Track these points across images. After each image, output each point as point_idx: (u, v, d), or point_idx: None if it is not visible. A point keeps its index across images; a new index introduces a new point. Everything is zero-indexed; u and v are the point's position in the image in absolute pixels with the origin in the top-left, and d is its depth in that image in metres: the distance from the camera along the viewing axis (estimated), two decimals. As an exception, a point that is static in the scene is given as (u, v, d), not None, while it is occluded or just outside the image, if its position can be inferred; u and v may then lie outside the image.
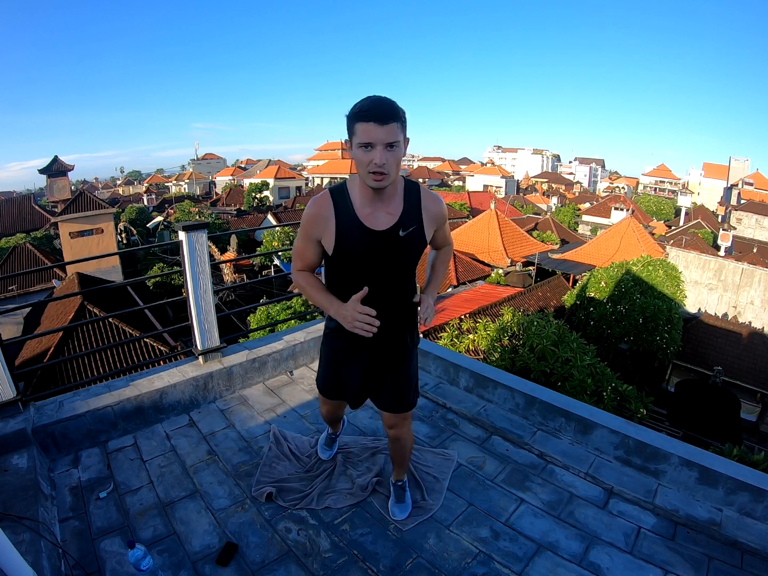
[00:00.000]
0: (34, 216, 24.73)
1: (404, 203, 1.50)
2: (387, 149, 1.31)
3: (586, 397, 6.05)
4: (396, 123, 1.31)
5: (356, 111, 1.31)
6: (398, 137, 1.32)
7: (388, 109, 1.29)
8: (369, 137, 1.29)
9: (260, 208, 32.92)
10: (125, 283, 14.78)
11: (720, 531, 1.90)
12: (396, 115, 1.30)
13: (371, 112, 1.28)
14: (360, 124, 1.30)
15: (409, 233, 1.50)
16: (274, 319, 10.36)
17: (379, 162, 1.31)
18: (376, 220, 1.47)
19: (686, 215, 35.95)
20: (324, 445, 2.30)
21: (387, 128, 1.29)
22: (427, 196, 1.55)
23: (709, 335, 13.49)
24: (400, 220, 1.48)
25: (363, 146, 1.31)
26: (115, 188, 60.81)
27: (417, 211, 1.52)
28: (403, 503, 1.99)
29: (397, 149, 1.34)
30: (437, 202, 1.57)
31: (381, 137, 1.29)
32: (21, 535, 1.63)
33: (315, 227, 1.50)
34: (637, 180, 67.15)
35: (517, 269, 17.76)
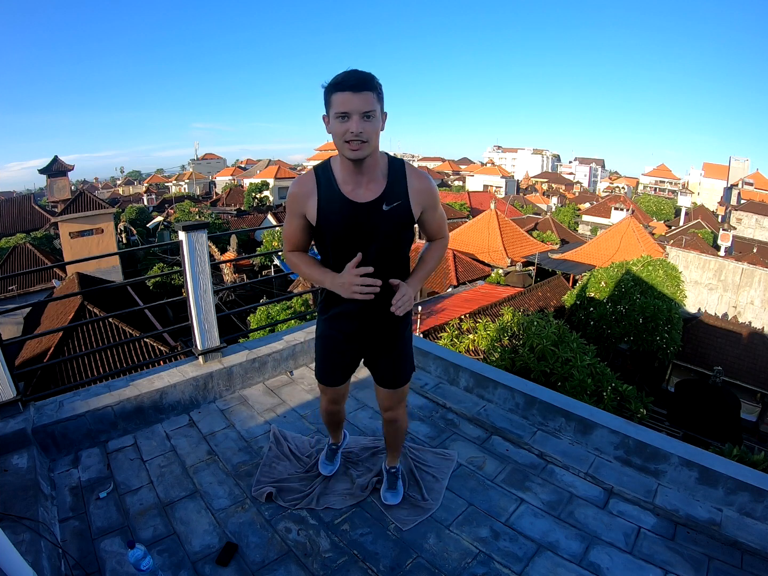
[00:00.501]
0: (34, 216, 24.75)
1: (388, 178, 1.48)
2: (363, 119, 1.31)
3: (586, 397, 6.06)
4: (371, 92, 1.31)
5: (332, 82, 1.32)
6: (374, 106, 1.32)
7: (363, 79, 1.30)
8: (345, 106, 1.30)
9: (260, 208, 32.93)
10: (125, 283, 14.79)
11: (720, 531, 1.90)
12: (371, 84, 1.31)
13: (346, 82, 1.29)
14: (336, 95, 1.31)
15: (394, 208, 1.47)
16: (274, 319, 10.37)
17: (355, 130, 1.31)
18: (358, 194, 1.46)
19: (686, 215, 35.97)
20: (325, 460, 2.18)
21: (362, 96, 1.29)
22: (413, 172, 1.52)
23: (709, 335, 13.49)
24: (384, 193, 1.46)
25: (339, 116, 1.32)
26: (115, 188, 60.80)
27: (402, 186, 1.48)
28: (395, 490, 2.04)
29: (374, 119, 1.34)
30: (424, 178, 1.53)
31: (357, 106, 1.29)
32: (21, 535, 1.63)
33: (298, 204, 1.52)
34: (637, 180, 67.16)
35: (517, 269, 17.77)
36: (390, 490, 2.04)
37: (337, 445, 2.17)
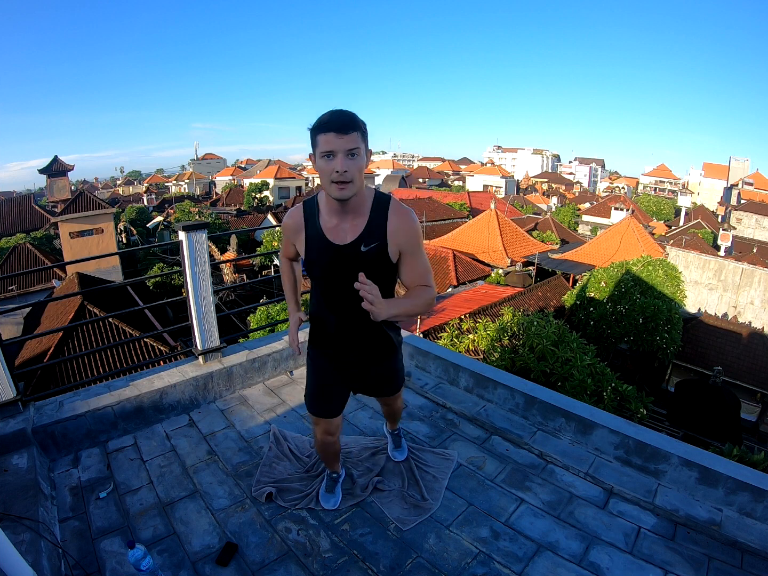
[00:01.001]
0: (34, 216, 24.73)
1: (370, 216, 1.47)
2: (348, 157, 1.33)
3: (586, 397, 6.05)
4: (356, 132, 1.33)
5: (316, 124, 1.35)
6: (358, 145, 1.34)
7: (347, 120, 1.32)
8: (329, 146, 1.32)
9: (260, 208, 32.94)
10: (125, 283, 14.78)
11: (720, 531, 1.90)
12: (355, 125, 1.33)
13: (331, 123, 1.31)
14: (321, 135, 1.33)
15: (371, 248, 1.46)
16: (274, 319, 10.36)
17: (340, 169, 1.32)
18: (340, 233, 1.48)
19: (686, 215, 35.95)
20: (325, 493, 2.03)
21: (347, 138, 1.31)
22: (396, 210, 1.48)
23: (709, 335, 13.48)
24: (363, 234, 1.46)
25: (325, 155, 1.34)
26: (115, 188, 60.75)
27: (382, 226, 1.46)
28: (401, 447, 2.30)
29: (359, 158, 1.35)
30: (404, 216, 1.47)
31: (341, 145, 1.31)
32: (21, 535, 1.63)
33: (289, 236, 1.64)
34: (637, 180, 67.14)
35: (517, 269, 17.76)
36: (396, 450, 2.29)
37: (338, 474, 2.07)
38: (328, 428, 1.81)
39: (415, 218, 1.51)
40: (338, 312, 1.59)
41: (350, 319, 1.57)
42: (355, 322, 1.58)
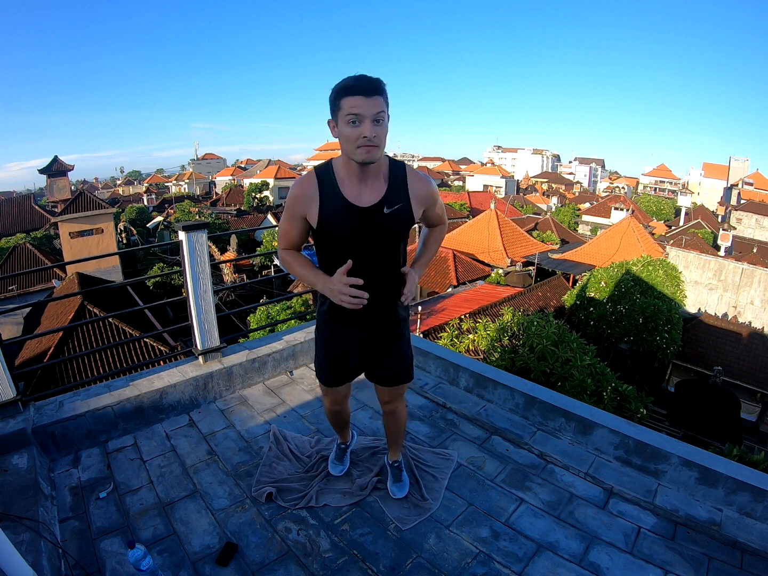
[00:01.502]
0: (34, 216, 24.74)
1: (389, 181, 1.51)
2: (375, 123, 1.34)
3: (586, 397, 6.06)
4: (381, 96, 1.34)
5: (342, 86, 1.34)
6: (384, 109, 1.35)
7: (374, 83, 1.33)
8: (357, 110, 1.32)
9: (260, 208, 32.94)
10: (125, 283, 14.79)
11: (720, 531, 1.90)
12: (381, 88, 1.34)
13: (357, 86, 1.31)
14: (347, 99, 1.32)
15: (395, 210, 1.50)
16: (274, 319, 10.37)
17: (369, 134, 1.33)
18: (361, 197, 1.48)
19: (686, 215, 35.96)
20: (335, 460, 2.17)
21: (373, 101, 1.32)
22: (414, 175, 1.55)
23: (709, 335, 13.49)
24: (385, 196, 1.49)
25: (351, 121, 1.34)
26: (115, 188, 60.72)
27: (403, 189, 1.52)
28: (401, 482, 2.07)
29: (384, 122, 1.37)
30: (424, 181, 1.57)
31: (369, 110, 1.32)
32: (21, 535, 1.63)
33: (299, 206, 1.53)
34: (637, 180, 67.15)
35: (517, 269, 17.77)
36: (396, 484, 2.07)
37: (346, 444, 2.18)
38: (335, 398, 1.91)
39: (432, 182, 1.62)
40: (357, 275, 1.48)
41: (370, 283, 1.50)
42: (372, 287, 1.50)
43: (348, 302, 1.44)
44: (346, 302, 1.44)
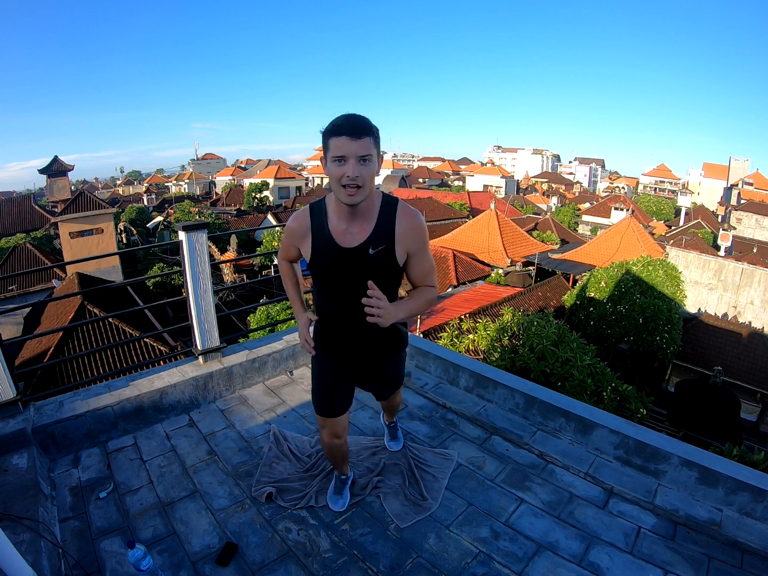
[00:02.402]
0: (34, 216, 24.73)
1: (378, 221, 1.48)
2: (360, 163, 1.33)
3: (586, 397, 6.05)
4: (368, 138, 1.33)
5: (329, 127, 1.35)
6: (371, 151, 1.34)
7: (360, 125, 1.32)
8: (341, 150, 1.32)
9: (260, 208, 32.93)
10: (125, 283, 14.78)
11: (720, 531, 1.90)
12: (368, 130, 1.33)
13: (344, 127, 1.31)
14: (333, 139, 1.33)
15: (379, 251, 1.48)
16: (274, 319, 10.36)
17: (351, 174, 1.33)
18: (348, 237, 1.49)
19: (686, 215, 35.94)
20: (333, 494, 2.02)
21: (359, 142, 1.31)
22: (403, 213, 1.50)
23: (709, 335, 13.48)
24: (370, 237, 1.47)
25: (336, 160, 1.34)
26: (115, 188, 60.71)
27: (390, 229, 1.48)
28: (396, 439, 2.36)
29: (370, 163, 1.35)
30: (412, 218, 1.50)
31: (353, 150, 1.32)
32: (21, 535, 1.63)
33: (293, 239, 1.63)
34: (637, 180, 67.12)
35: (517, 269, 17.75)
36: (392, 440, 2.35)
37: (346, 476, 2.05)
38: (334, 430, 1.81)
39: (422, 219, 1.55)
40: (344, 313, 1.60)
41: (355, 319, 1.54)
42: (360, 323, 1.51)
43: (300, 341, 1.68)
44: (300, 340, 1.68)
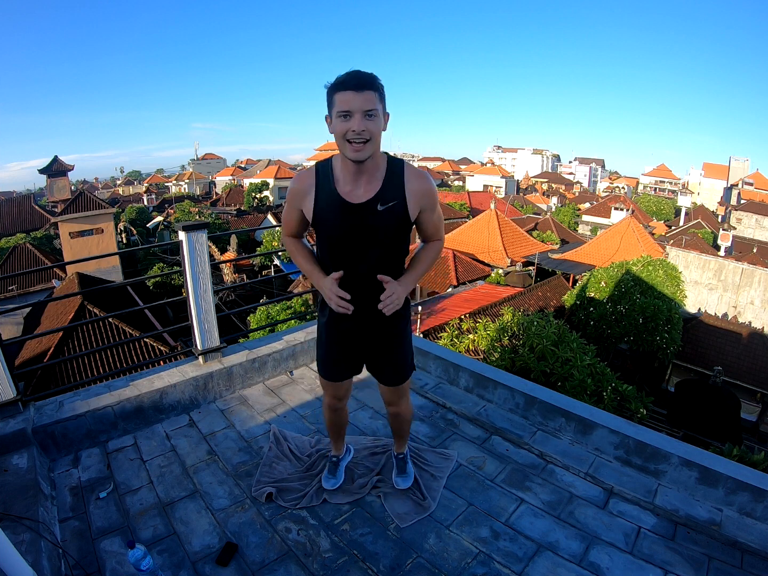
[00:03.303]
0: (34, 216, 24.74)
1: (385, 178, 1.48)
2: (365, 117, 1.33)
3: (586, 397, 6.06)
4: (373, 92, 1.33)
5: (334, 82, 1.34)
6: (376, 105, 1.33)
7: (365, 78, 1.32)
8: (347, 105, 1.31)
9: (260, 208, 32.93)
10: (125, 283, 14.79)
11: (720, 531, 1.90)
12: (373, 84, 1.33)
13: (348, 81, 1.31)
14: (338, 94, 1.32)
15: (389, 208, 1.47)
16: (274, 319, 10.37)
17: (357, 129, 1.32)
18: (354, 193, 1.48)
19: (686, 215, 35.96)
20: (327, 474, 2.10)
21: (364, 95, 1.31)
22: (411, 172, 1.51)
23: (709, 335, 13.49)
24: (379, 193, 1.47)
25: (341, 115, 1.33)
26: (115, 188, 60.68)
27: (399, 186, 1.48)
28: (405, 474, 2.10)
29: (376, 118, 1.35)
30: (423, 178, 1.52)
31: (358, 104, 1.31)
32: (21, 535, 1.63)
33: (296, 199, 1.56)
34: (637, 180, 67.13)
35: (517, 269, 17.76)
36: (401, 475, 2.09)
37: (338, 457, 2.10)
38: (336, 392, 1.87)
39: (431, 178, 1.57)
40: (351, 272, 1.54)
41: (363, 278, 1.55)
42: (366, 282, 1.55)
43: (335, 307, 1.50)
44: (334, 306, 1.50)
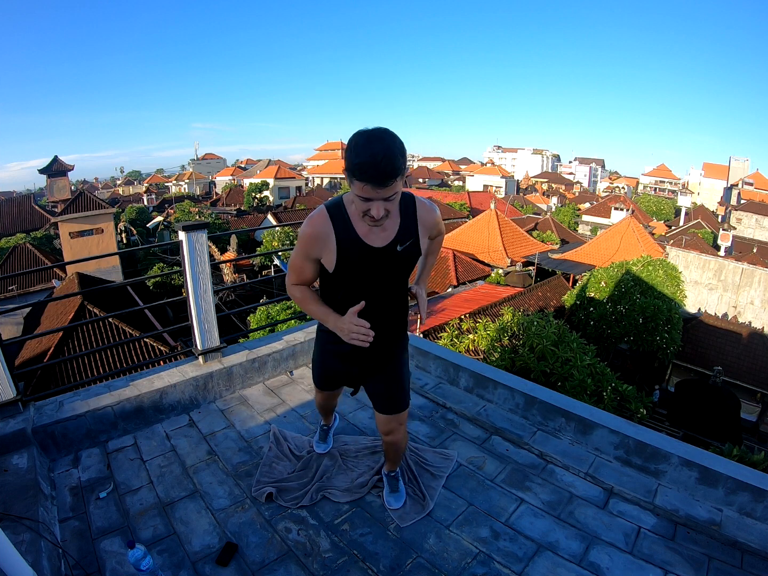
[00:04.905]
0: (34, 216, 24.73)
1: (401, 218, 1.50)
2: (386, 201, 1.30)
3: (586, 397, 6.06)
4: (396, 179, 1.25)
5: (355, 167, 1.23)
6: (397, 189, 1.29)
7: (388, 171, 1.22)
8: (367, 194, 1.27)
9: (260, 208, 32.92)
10: (125, 283, 14.78)
11: (720, 531, 1.90)
12: (396, 173, 1.24)
13: (370, 175, 1.22)
14: (357, 181, 1.25)
15: (407, 247, 1.52)
16: (274, 319, 10.36)
17: (377, 216, 1.31)
18: (374, 236, 1.47)
19: (686, 215, 35.95)
20: (318, 440, 2.34)
21: (387, 188, 1.25)
22: (422, 207, 1.56)
23: (709, 335, 13.49)
24: (398, 236, 1.49)
25: (361, 198, 1.29)
26: (115, 188, 60.66)
27: (413, 225, 1.53)
28: (397, 492, 2.05)
29: (396, 197, 1.33)
30: (431, 212, 1.59)
31: (380, 195, 1.27)
32: (21, 535, 1.63)
33: (315, 247, 1.48)
34: (637, 180, 67.11)
35: (517, 269, 17.76)
36: (393, 494, 2.04)
37: (328, 426, 2.34)
38: (330, 395, 2.08)
39: (437, 210, 1.65)
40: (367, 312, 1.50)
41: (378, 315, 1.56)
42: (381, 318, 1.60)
43: (356, 341, 1.45)
44: (356, 341, 1.45)
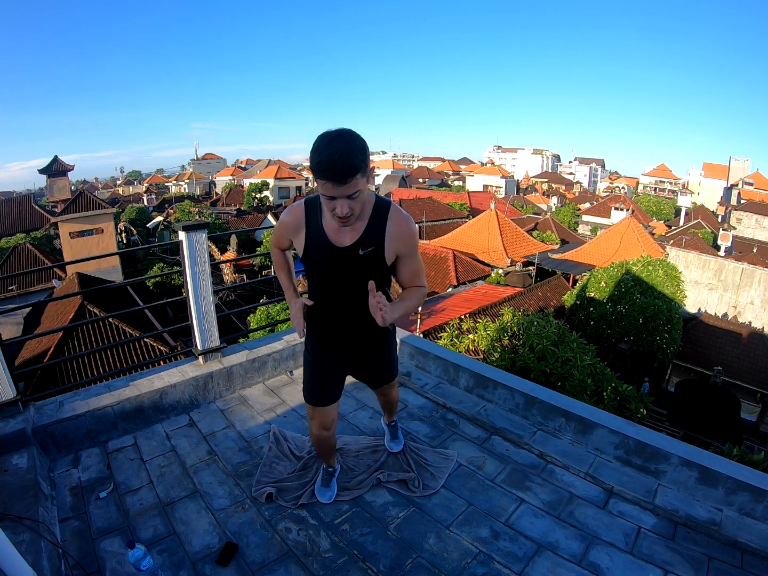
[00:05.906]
0: (34, 216, 24.71)
1: (369, 222, 1.51)
2: (349, 199, 1.34)
3: (586, 397, 6.06)
4: (355, 176, 1.28)
5: (315, 166, 1.27)
6: (359, 187, 1.32)
7: (344, 169, 1.25)
8: (329, 192, 1.31)
9: (260, 208, 32.92)
10: (125, 283, 14.78)
11: (720, 531, 1.90)
12: (354, 169, 1.26)
13: (329, 173, 1.26)
14: (320, 180, 1.29)
15: (368, 252, 1.52)
16: (274, 319, 10.36)
17: (341, 214, 1.36)
18: (341, 235, 1.51)
19: (686, 215, 35.96)
20: (321, 486, 2.05)
21: (347, 186, 1.29)
22: (394, 217, 1.52)
23: (709, 335, 13.49)
24: (361, 238, 1.51)
25: (325, 197, 1.35)
26: (115, 188, 60.64)
27: (381, 229, 1.51)
28: (397, 439, 2.33)
29: (360, 195, 1.35)
30: (403, 222, 1.53)
31: (341, 192, 1.30)
32: (21, 535, 1.63)
33: (287, 232, 1.65)
34: (637, 180, 67.10)
35: (517, 269, 17.75)
36: (393, 441, 2.32)
37: (333, 468, 2.09)
38: (324, 421, 1.85)
39: (413, 224, 1.57)
40: (334, 305, 1.66)
41: (346, 311, 1.65)
42: (350, 315, 1.65)
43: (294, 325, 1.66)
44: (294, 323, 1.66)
